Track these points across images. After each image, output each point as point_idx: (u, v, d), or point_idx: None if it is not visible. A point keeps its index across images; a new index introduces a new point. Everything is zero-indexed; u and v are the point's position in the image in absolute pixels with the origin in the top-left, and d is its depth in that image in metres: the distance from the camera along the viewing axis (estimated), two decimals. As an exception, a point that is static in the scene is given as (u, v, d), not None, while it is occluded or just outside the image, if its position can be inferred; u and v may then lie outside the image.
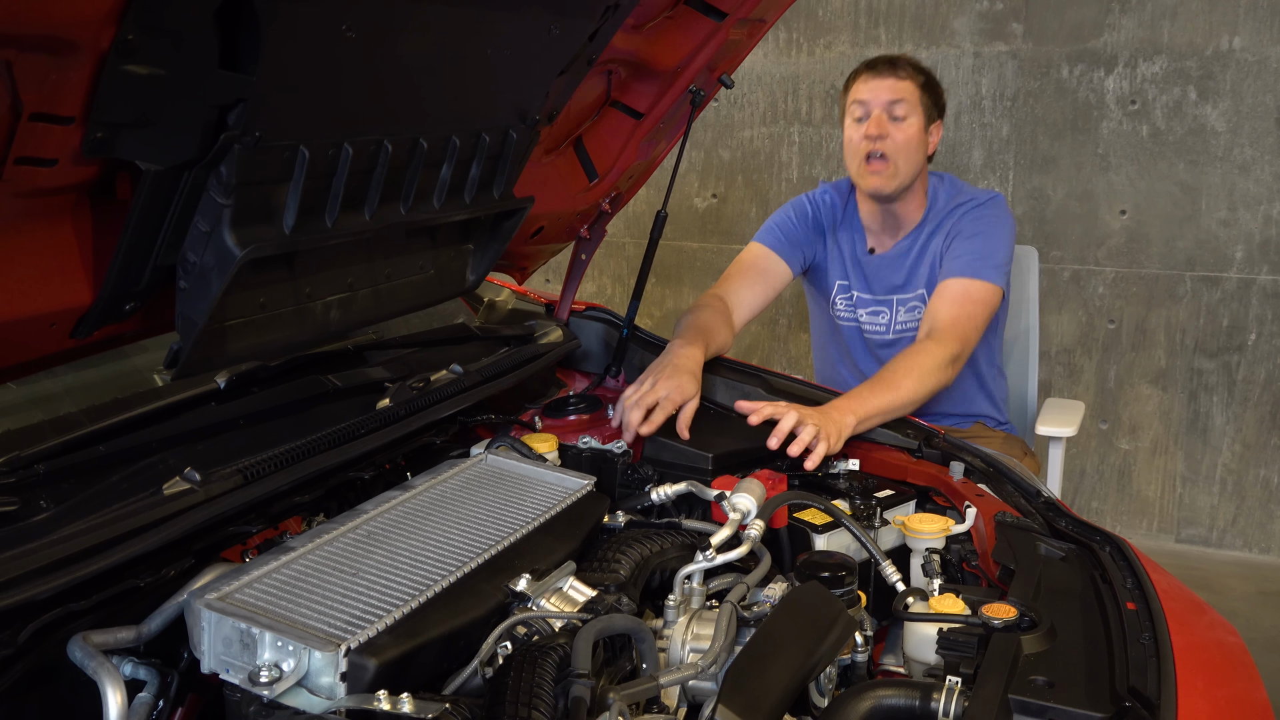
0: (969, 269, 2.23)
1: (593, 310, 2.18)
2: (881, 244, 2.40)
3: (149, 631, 1.10)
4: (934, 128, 2.35)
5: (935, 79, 2.38)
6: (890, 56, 2.34)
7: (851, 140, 2.31)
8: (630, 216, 4.34)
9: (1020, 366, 2.77)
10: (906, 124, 2.27)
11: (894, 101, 2.26)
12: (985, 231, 2.28)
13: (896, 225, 2.37)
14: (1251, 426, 3.68)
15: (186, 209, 1.14)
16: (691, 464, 1.71)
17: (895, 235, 2.38)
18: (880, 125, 2.26)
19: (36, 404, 1.42)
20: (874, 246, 2.41)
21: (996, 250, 2.26)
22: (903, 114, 2.27)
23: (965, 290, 2.21)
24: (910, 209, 2.36)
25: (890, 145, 2.26)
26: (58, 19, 0.88)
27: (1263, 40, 3.48)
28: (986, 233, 2.27)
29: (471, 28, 1.31)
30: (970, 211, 2.31)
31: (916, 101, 2.29)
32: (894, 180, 2.27)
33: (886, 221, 2.38)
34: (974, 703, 1.06)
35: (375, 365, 1.71)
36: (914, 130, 2.28)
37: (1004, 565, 1.39)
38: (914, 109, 2.28)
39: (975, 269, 2.23)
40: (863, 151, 2.28)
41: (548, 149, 1.91)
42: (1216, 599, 3.36)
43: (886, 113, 2.27)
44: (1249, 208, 3.58)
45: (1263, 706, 1.17)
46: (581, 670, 1.01)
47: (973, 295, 2.21)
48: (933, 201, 2.37)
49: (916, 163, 2.30)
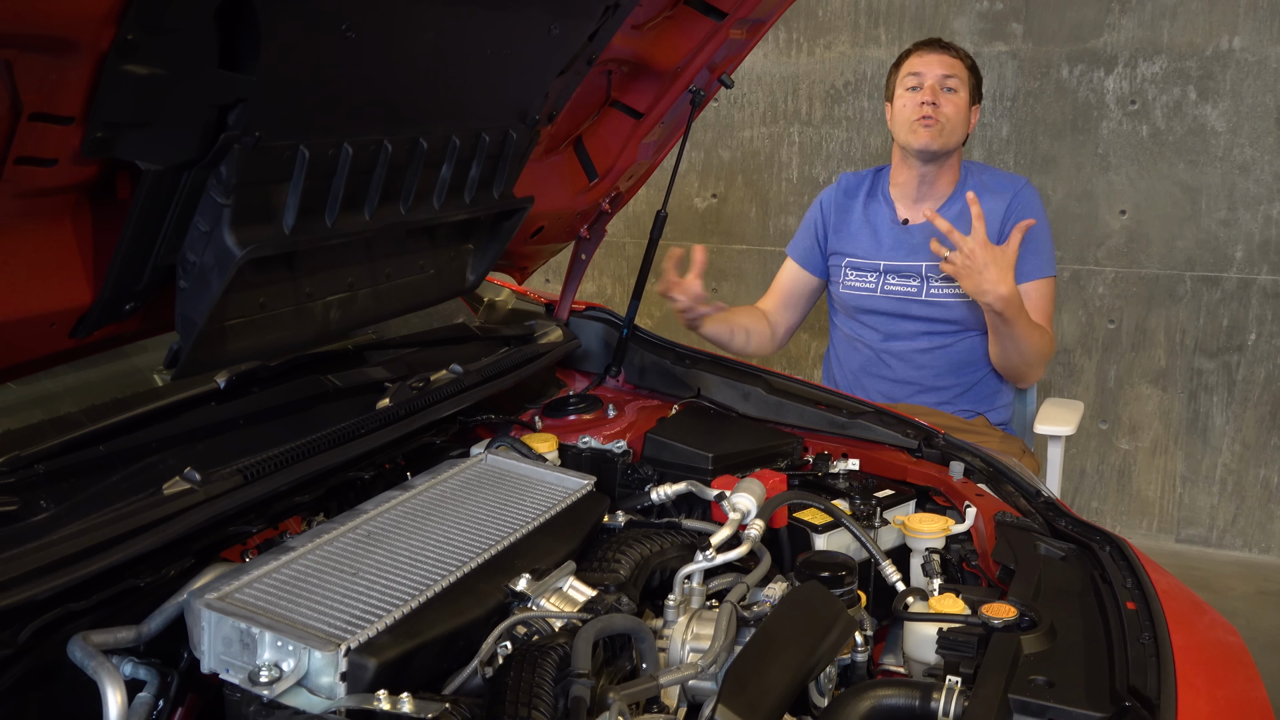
0: (1040, 270, 2.43)
1: (593, 310, 2.18)
2: (915, 215, 2.52)
3: (149, 631, 1.10)
4: (974, 109, 2.53)
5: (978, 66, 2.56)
6: (939, 38, 2.54)
7: (905, 107, 2.48)
8: (630, 216, 4.34)
9: (1020, 366, 2.78)
10: (957, 96, 2.46)
11: (947, 75, 2.46)
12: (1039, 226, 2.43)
13: (930, 194, 2.51)
14: (1251, 426, 3.68)
15: (186, 209, 1.14)
16: (691, 464, 1.71)
17: (931, 206, 2.50)
18: (935, 93, 2.44)
19: (36, 404, 1.42)
20: (907, 218, 2.53)
21: (1046, 243, 2.46)
22: (955, 86, 2.46)
23: (1041, 292, 2.44)
24: (944, 180, 2.51)
25: (942, 112, 2.44)
26: (58, 19, 0.88)
27: (1263, 40, 3.48)
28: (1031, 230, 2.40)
29: (471, 28, 1.31)
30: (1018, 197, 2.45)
31: (965, 79, 2.49)
32: (941, 138, 2.43)
33: (921, 189, 2.51)
34: (974, 703, 1.06)
35: (375, 365, 1.71)
36: (963, 102, 2.47)
37: (1004, 565, 1.39)
38: (963, 84, 2.48)
39: (1043, 268, 2.44)
40: (916, 115, 2.44)
41: (548, 149, 1.91)
42: (1216, 599, 3.36)
43: (940, 84, 2.45)
44: (1249, 208, 3.58)
45: (1263, 706, 1.17)
46: (581, 670, 1.01)
47: (1047, 295, 2.46)
48: (964, 178, 2.52)
49: (962, 133, 2.48)
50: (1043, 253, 2.44)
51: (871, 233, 2.54)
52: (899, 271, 2.49)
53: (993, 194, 2.45)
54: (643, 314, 4.47)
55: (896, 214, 2.54)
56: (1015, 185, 2.48)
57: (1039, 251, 2.43)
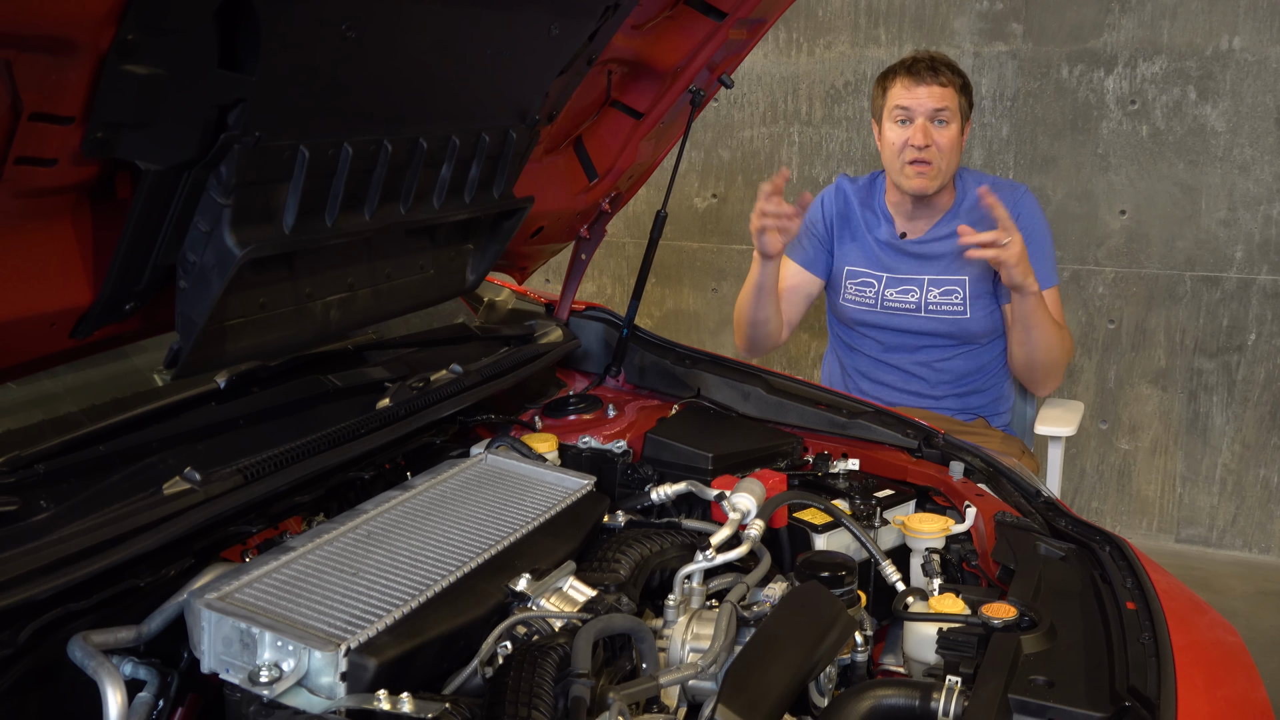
0: (1044, 280, 2.36)
1: (593, 310, 2.18)
2: (914, 229, 2.49)
3: (149, 631, 1.10)
4: (966, 126, 2.46)
5: (968, 77, 2.47)
6: (930, 58, 2.40)
7: (894, 143, 2.40)
8: (630, 216, 4.34)
9: (1020, 366, 2.78)
10: (949, 129, 2.38)
11: (938, 109, 2.36)
12: (1038, 234, 2.41)
13: (929, 213, 2.47)
14: (1251, 426, 3.68)
15: (186, 209, 1.14)
16: (691, 464, 1.71)
17: (929, 221, 2.47)
18: (926, 134, 2.35)
19: (36, 404, 1.42)
20: (905, 231, 2.50)
21: (1050, 251, 2.44)
22: (946, 119, 2.37)
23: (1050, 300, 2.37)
24: (943, 198, 2.47)
25: (935, 151, 2.36)
26: (58, 19, 0.88)
27: (1263, 40, 3.48)
28: (1039, 235, 2.39)
29: (471, 28, 1.31)
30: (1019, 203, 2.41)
31: (957, 106, 2.39)
32: (936, 181, 2.39)
33: (918, 210, 2.48)
34: (974, 703, 1.06)
35: (375, 365, 1.71)
36: (955, 133, 2.39)
37: (1004, 565, 1.39)
38: (955, 114, 2.39)
39: (1046, 278, 2.39)
40: (908, 156, 2.37)
41: (548, 149, 1.91)
42: (1216, 599, 3.36)
43: (930, 119, 2.36)
44: (1249, 208, 3.58)
45: (1263, 706, 1.17)
46: (581, 670, 1.02)
47: (1054, 304, 2.40)
48: (961, 188, 2.48)
49: (956, 162, 2.43)
50: (1047, 262, 2.41)
51: (872, 245, 2.51)
52: (898, 285, 2.47)
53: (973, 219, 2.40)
54: (643, 314, 4.47)
55: (895, 228, 2.51)
56: (1015, 193, 2.44)
57: (1044, 261, 2.39)
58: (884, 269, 2.50)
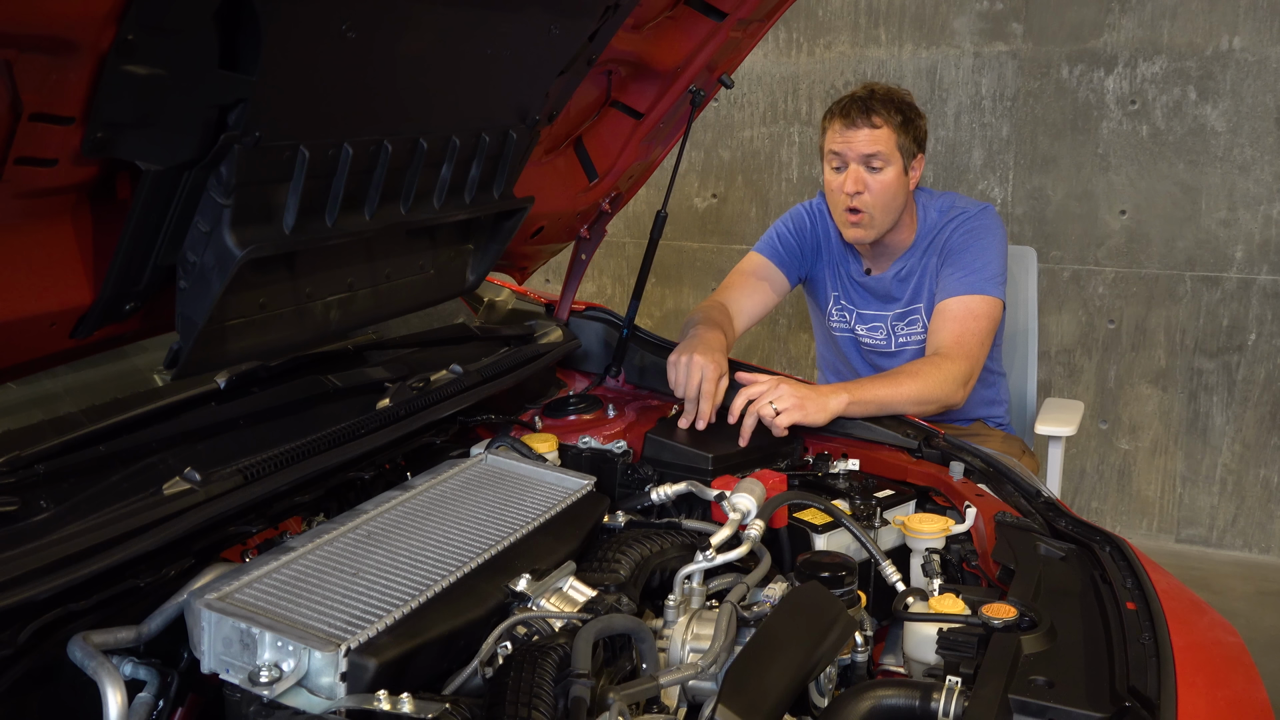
0: (966, 286, 2.23)
1: (593, 310, 2.18)
2: (878, 265, 2.40)
3: (149, 631, 1.10)
4: (915, 163, 2.29)
5: (913, 112, 2.29)
6: (864, 98, 2.24)
7: (831, 189, 2.30)
8: (630, 216, 4.34)
9: (1020, 366, 2.78)
10: (884, 174, 2.23)
11: (869, 155, 2.22)
12: (976, 245, 2.27)
13: (889, 250, 2.38)
14: (1251, 426, 3.68)
15: (186, 209, 1.14)
16: (691, 464, 1.71)
17: (890, 258, 2.39)
18: (857, 181, 2.23)
19: (36, 404, 1.42)
20: (870, 268, 2.41)
21: (990, 263, 2.25)
22: (880, 165, 2.22)
23: (966, 308, 2.22)
24: (901, 236, 2.35)
25: (868, 199, 2.23)
26: (58, 19, 0.88)
27: (1263, 40, 3.48)
28: (977, 246, 2.27)
29: (471, 28, 1.31)
30: (961, 225, 2.30)
31: (894, 147, 2.23)
32: (873, 230, 2.27)
33: (877, 250, 2.38)
34: (974, 703, 1.06)
35: (375, 365, 1.71)
36: (892, 177, 2.24)
37: (1004, 565, 1.39)
38: (891, 157, 2.23)
39: (972, 285, 2.23)
40: (842, 204, 2.27)
41: (548, 149, 1.91)
42: (1216, 599, 3.36)
43: (863, 164, 2.23)
44: (1249, 208, 3.58)
45: (1263, 706, 1.17)
46: (581, 670, 1.02)
47: (974, 311, 2.21)
48: (923, 220, 2.36)
49: (896, 207, 2.28)
50: (979, 270, 2.23)
51: (844, 278, 2.45)
52: (867, 324, 2.43)
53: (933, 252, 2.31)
54: (643, 314, 4.47)
55: (862, 265, 2.41)
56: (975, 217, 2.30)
57: (976, 269, 2.23)
58: (853, 304, 2.44)
